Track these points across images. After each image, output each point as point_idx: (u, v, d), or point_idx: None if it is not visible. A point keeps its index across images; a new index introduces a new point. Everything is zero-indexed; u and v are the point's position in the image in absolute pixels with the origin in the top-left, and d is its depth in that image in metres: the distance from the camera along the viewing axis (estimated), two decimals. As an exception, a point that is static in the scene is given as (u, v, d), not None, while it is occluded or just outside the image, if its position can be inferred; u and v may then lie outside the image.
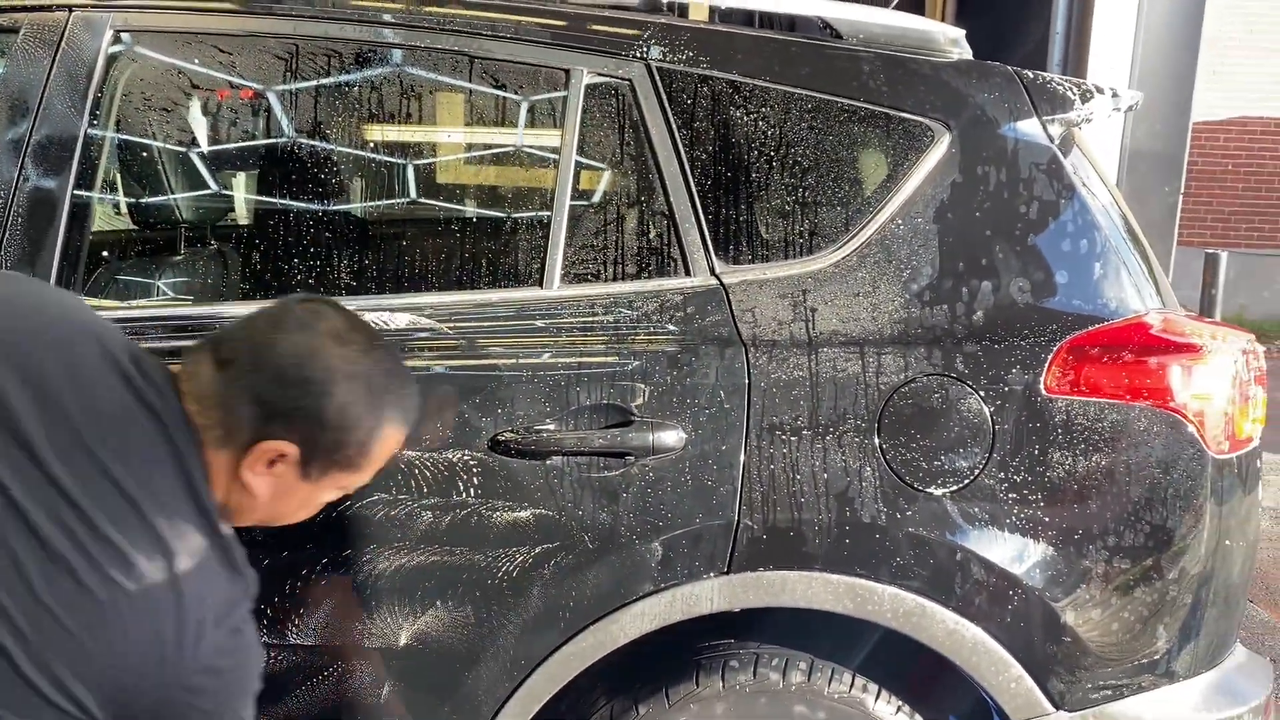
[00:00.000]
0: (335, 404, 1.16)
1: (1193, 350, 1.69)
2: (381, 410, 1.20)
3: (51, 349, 1.11)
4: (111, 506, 1.07)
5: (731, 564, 1.64)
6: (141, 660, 1.08)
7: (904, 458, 1.65)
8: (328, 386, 1.16)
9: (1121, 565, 1.68)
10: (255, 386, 1.15)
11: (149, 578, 1.07)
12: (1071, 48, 4.38)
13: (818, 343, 1.68)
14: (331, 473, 1.22)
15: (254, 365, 1.15)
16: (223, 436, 1.16)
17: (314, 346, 1.16)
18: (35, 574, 1.04)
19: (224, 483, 1.19)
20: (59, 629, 1.04)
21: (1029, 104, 1.76)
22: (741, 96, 1.75)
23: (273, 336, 1.17)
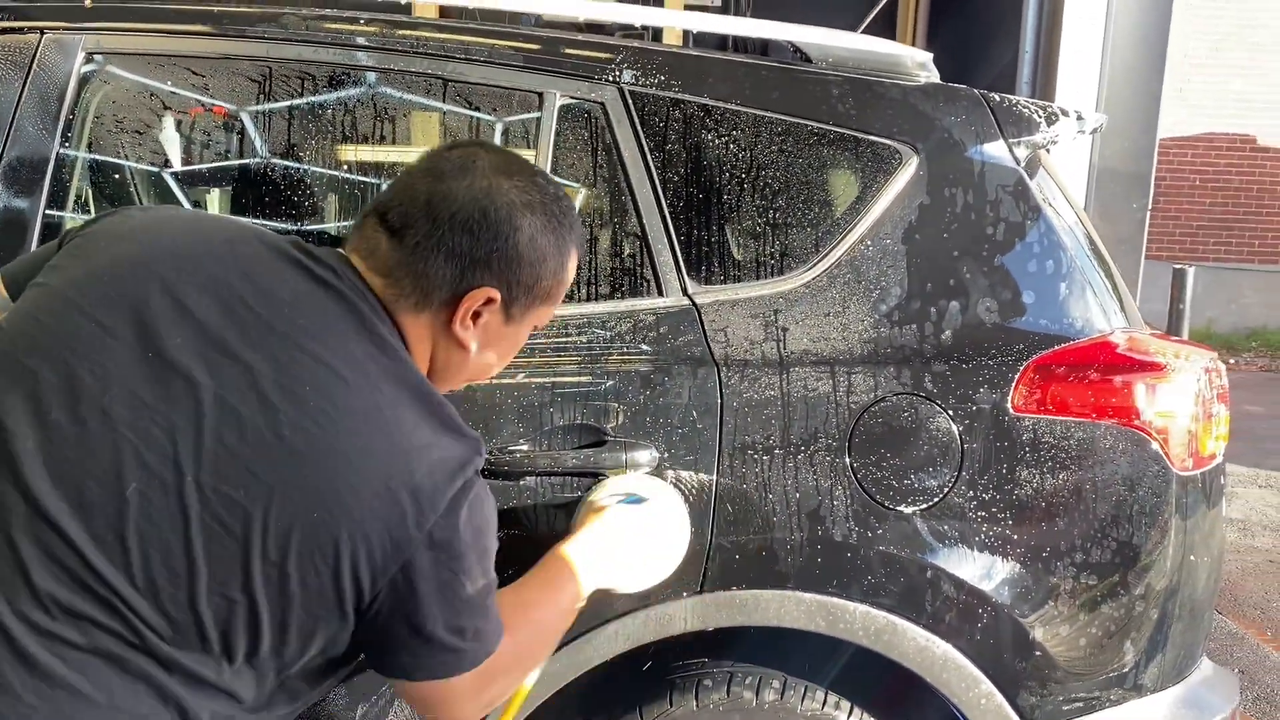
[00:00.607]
0: (525, 237, 1.14)
1: (1157, 369, 1.72)
2: (565, 233, 1.19)
3: (221, 256, 1.08)
4: (311, 375, 1.03)
5: (704, 583, 1.65)
6: (376, 518, 1.01)
7: (874, 476, 1.67)
8: (515, 222, 1.13)
9: (1089, 581, 1.70)
10: (444, 242, 1.11)
11: (364, 431, 1.03)
12: (1040, 68, 4.44)
13: (789, 362, 1.69)
14: (532, 309, 1.20)
15: (435, 222, 1.11)
16: (420, 301, 1.13)
17: (486, 187, 1.13)
18: (246, 444, 0.99)
19: (427, 346, 1.16)
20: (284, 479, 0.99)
21: (995, 127, 1.79)
22: (713, 119, 1.77)
23: (443, 188, 1.13)
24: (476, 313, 1.15)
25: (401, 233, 1.12)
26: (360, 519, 1.01)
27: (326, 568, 1.01)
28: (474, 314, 1.15)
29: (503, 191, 1.13)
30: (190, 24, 1.76)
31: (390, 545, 1.02)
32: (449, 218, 1.11)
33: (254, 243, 1.12)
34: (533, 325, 1.24)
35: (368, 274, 1.13)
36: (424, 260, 1.12)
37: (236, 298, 1.04)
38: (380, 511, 1.02)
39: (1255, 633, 3.73)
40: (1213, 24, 9.95)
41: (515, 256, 1.14)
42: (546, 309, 1.24)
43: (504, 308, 1.17)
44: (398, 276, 1.12)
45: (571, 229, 1.21)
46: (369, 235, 1.14)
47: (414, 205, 1.12)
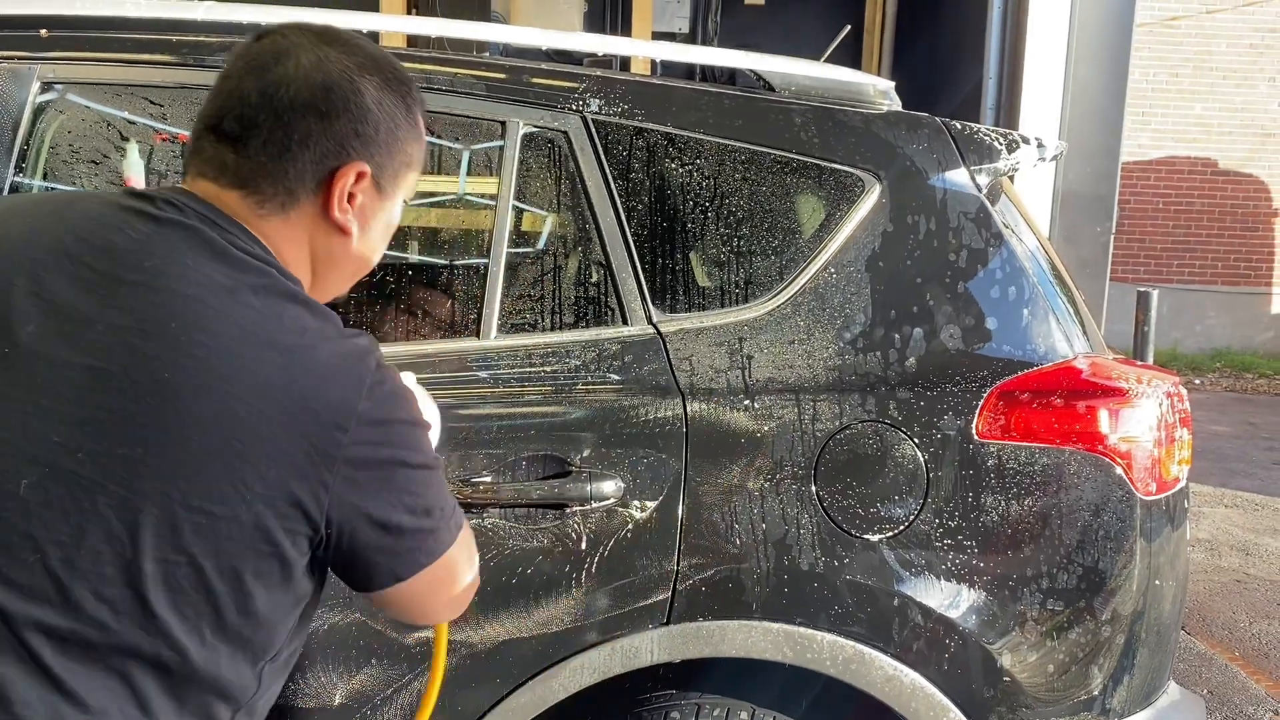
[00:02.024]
0: (372, 100, 1.07)
1: (1120, 394, 1.73)
2: (404, 88, 1.12)
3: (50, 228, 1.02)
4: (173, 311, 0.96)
5: (671, 614, 1.64)
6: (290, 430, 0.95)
7: (841, 505, 1.66)
8: (357, 86, 1.06)
9: (1056, 607, 1.70)
10: (294, 131, 1.04)
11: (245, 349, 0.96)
12: (1004, 93, 4.50)
13: (754, 390, 1.69)
14: (400, 176, 1.14)
15: (277, 114, 1.03)
16: (286, 200, 1.06)
17: (315, 61, 1.05)
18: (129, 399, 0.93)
19: (304, 246, 1.09)
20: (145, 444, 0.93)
21: (957, 154, 1.80)
22: (676, 148, 1.77)
23: (272, 77, 1.04)
24: (351, 194, 1.08)
25: (244, 138, 1.04)
26: (272, 435, 0.95)
27: (256, 496, 0.95)
28: (349, 195, 1.08)
29: (333, 60, 1.06)
30: (149, 53, 1.75)
31: (316, 452, 0.97)
32: (290, 104, 1.03)
33: (82, 203, 1.06)
34: (404, 198, 1.17)
35: (220, 194, 1.05)
36: (277, 157, 1.04)
37: (77, 263, 0.98)
38: (292, 421, 0.96)
39: (1223, 653, 3.75)
40: (1173, 50, 10.14)
41: (370, 122, 1.07)
42: (412, 175, 1.17)
43: (374, 181, 1.10)
44: (255, 184, 1.05)
45: (407, 83, 1.13)
46: (209, 154, 1.06)
47: (248, 106, 1.04)
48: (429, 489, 1.07)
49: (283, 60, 1.05)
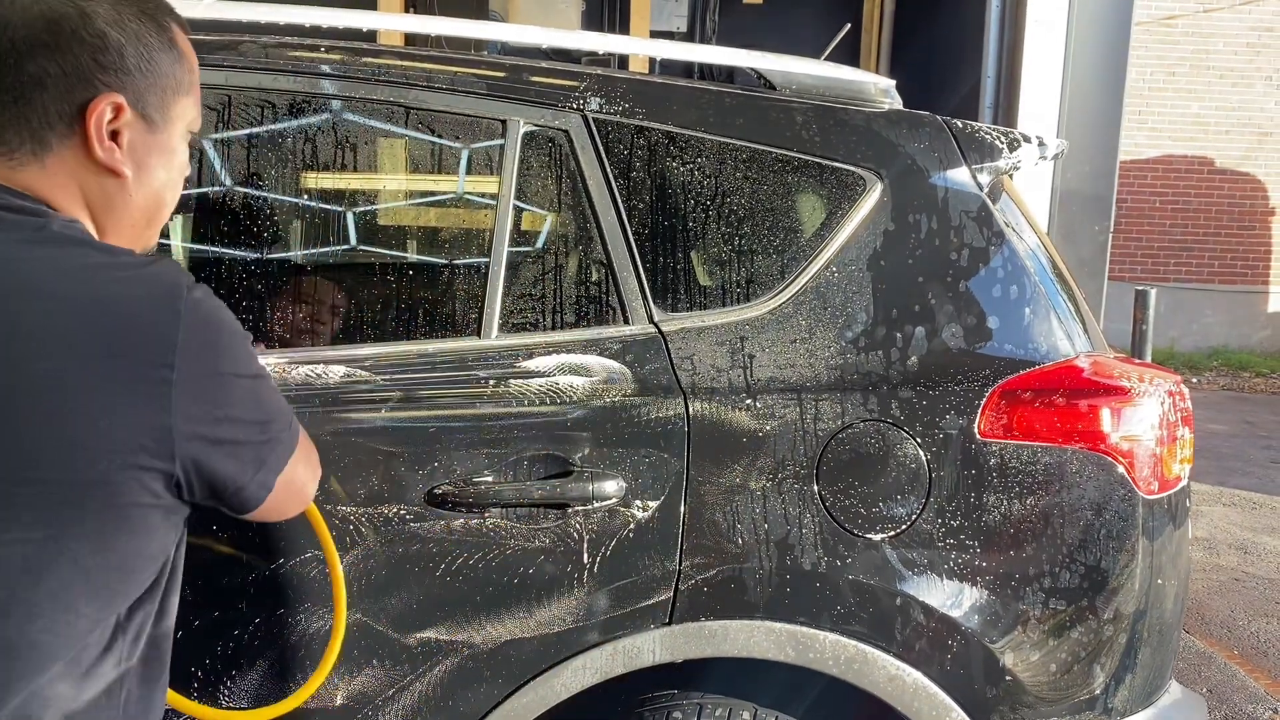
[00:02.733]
0: (107, 22, 0.98)
1: (1122, 393, 1.73)
2: (147, 5, 1.03)
3: None
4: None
5: (673, 614, 1.63)
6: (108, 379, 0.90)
7: (843, 504, 1.66)
8: (84, 10, 0.97)
9: (1058, 606, 1.70)
10: (25, 72, 0.95)
11: (32, 311, 0.90)
12: (1002, 93, 4.50)
13: (756, 389, 1.69)
14: (170, 103, 1.05)
15: (4, 59, 0.96)
16: (36, 148, 0.98)
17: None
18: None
19: (77, 193, 1.01)
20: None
21: (958, 153, 1.80)
22: (677, 147, 1.76)
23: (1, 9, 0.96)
24: (115, 131, 1.00)
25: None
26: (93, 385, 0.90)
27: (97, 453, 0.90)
28: (112, 133, 1.00)
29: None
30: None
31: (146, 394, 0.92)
32: (13, 46, 0.96)
33: None
34: (186, 127, 1.09)
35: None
36: (14, 104, 0.96)
37: None
38: (111, 369, 0.91)
39: (1222, 651, 3.75)
40: (1170, 49, 10.15)
41: (111, 48, 0.99)
42: (188, 100, 1.08)
43: (137, 112, 1.02)
44: (1, 138, 0.97)
45: (152, 2, 1.05)
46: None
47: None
48: (264, 399, 1.04)
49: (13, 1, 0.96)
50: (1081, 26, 4.41)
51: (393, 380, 1.64)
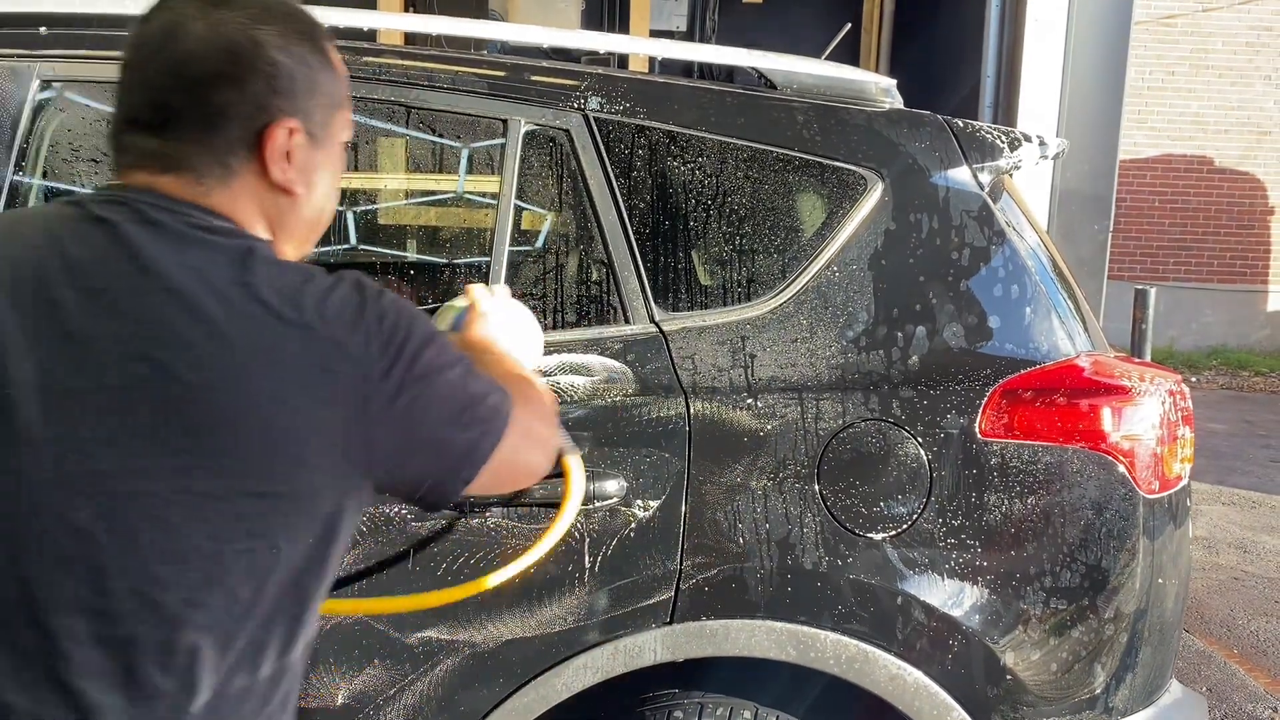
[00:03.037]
0: (277, 49, 1.03)
1: (1122, 392, 1.73)
2: (306, 27, 1.08)
3: (26, 258, 0.97)
4: (163, 312, 0.93)
5: (674, 614, 1.63)
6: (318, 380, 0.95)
7: (844, 503, 1.66)
8: (259, 41, 1.01)
9: (1059, 605, 1.70)
10: (211, 103, 1.00)
11: (244, 324, 0.94)
12: (1002, 93, 4.50)
13: (757, 389, 1.69)
14: (330, 120, 1.10)
15: (190, 92, 1.00)
16: (223, 173, 1.02)
17: (210, 27, 1.00)
18: (164, 409, 0.91)
19: (257, 211, 1.05)
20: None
21: (959, 152, 1.80)
22: (678, 146, 1.76)
23: (172, 56, 1.00)
24: (288, 152, 1.04)
25: (166, 124, 1.00)
26: (303, 405, 0.94)
27: (311, 467, 0.95)
28: (285, 154, 1.04)
29: (226, 23, 1.01)
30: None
31: (353, 409, 0.97)
32: (199, 79, 0.99)
33: (21, 228, 1.02)
34: (342, 140, 1.14)
35: (155, 181, 1.01)
36: (202, 134, 1.01)
37: (48, 288, 0.95)
38: (319, 386, 0.95)
39: (1222, 650, 3.75)
40: (1170, 48, 10.15)
41: (283, 74, 1.03)
42: (342, 114, 1.13)
43: (306, 132, 1.06)
44: (190, 165, 1.01)
45: (309, 23, 1.09)
46: (136, 147, 1.02)
47: (159, 92, 1.00)
48: (462, 392, 1.06)
49: (178, 36, 1.00)
50: (1081, 26, 4.40)
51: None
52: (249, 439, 0.93)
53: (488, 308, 1.42)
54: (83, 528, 0.90)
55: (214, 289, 0.95)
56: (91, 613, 0.90)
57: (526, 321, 1.48)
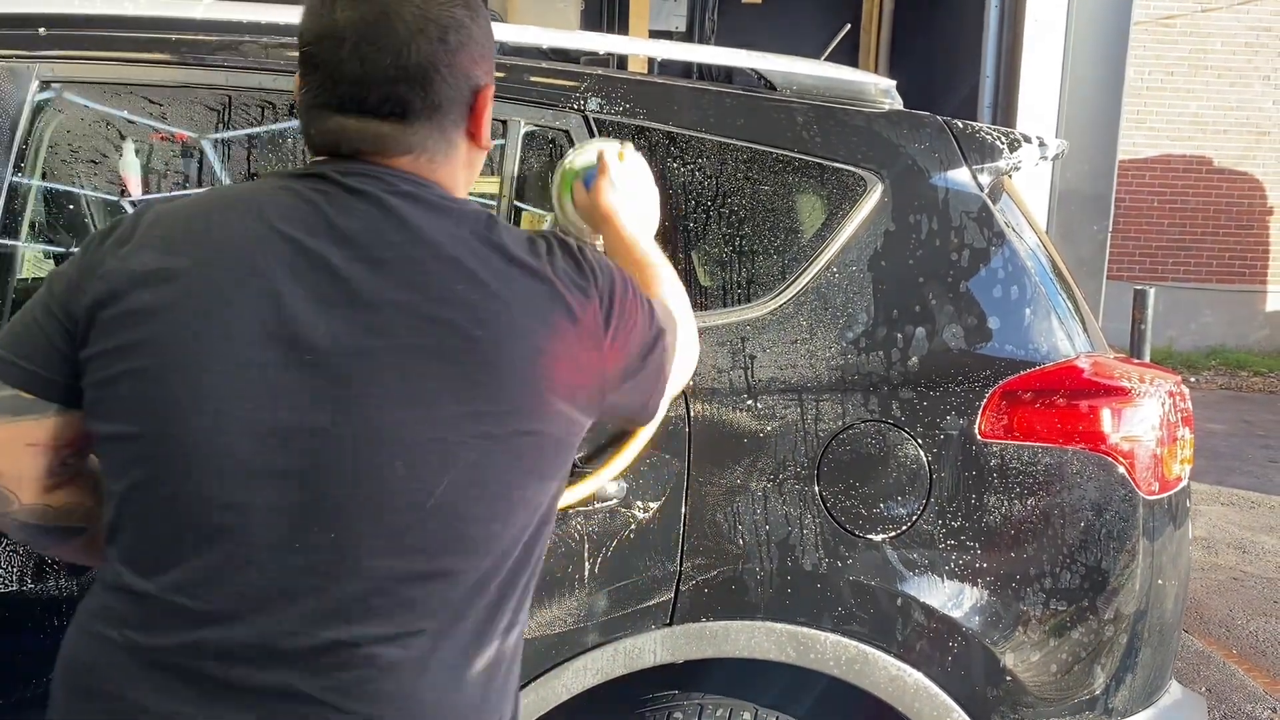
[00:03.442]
0: (472, 22, 1.09)
1: (1122, 393, 1.73)
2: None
3: (267, 237, 1.02)
4: (441, 276, 1.01)
5: (674, 615, 1.63)
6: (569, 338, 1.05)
7: (844, 504, 1.66)
8: (458, 18, 1.07)
9: (1059, 606, 1.70)
10: (438, 89, 1.06)
11: (507, 287, 1.03)
12: (1001, 93, 4.50)
13: (756, 390, 1.69)
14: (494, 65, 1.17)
15: (417, 79, 1.05)
16: (449, 149, 1.10)
17: (418, 12, 1.04)
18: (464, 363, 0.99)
19: (461, 175, 1.14)
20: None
21: (959, 154, 1.80)
22: (678, 147, 1.76)
23: (394, 43, 1.03)
24: (488, 113, 1.14)
25: (400, 111, 1.06)
26: (564, 353, 1.04)
27: (571, 406, 1.06)
28: (487, 116, 1.13)
29: (430, 6, 1.06)
30: (148, 52, 1.73)
31: (594, 354, 1.08)
32: (423, 65, 1.05)
33: (273, 203, 1.05)
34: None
35: (399, 163, 1.07)
36: (434, 116, 1.07)
37: (326, 259, 1.00)
38: (571, 336, 1.05)
39: (1221, 651, 3.76)
40: (1169, 49, 10.16)
41: (480, 42, 1.10)
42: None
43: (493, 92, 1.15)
44: (422, 146, 1.08)
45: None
46: (363, 130, 1.06)
47: (389, 82, 1.04)
48: (649, 323, 1.18)
49: (392, 22, 1.04)
50: (1080, 26, 4.40)
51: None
52: (524, 383, 1.01)
53: (617, 175, 1.47)
54: (391, 475, 0.97)
55: (477, 254, 1.03)
56: (411, 551, 0.98)
57: (648, 185, 1.51)
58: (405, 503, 0.97)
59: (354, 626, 0.96)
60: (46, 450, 1.06)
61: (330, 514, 0.96)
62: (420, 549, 0.98)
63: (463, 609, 1.01)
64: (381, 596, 0.97)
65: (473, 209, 1.08)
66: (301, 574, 0.96)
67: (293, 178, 1.07)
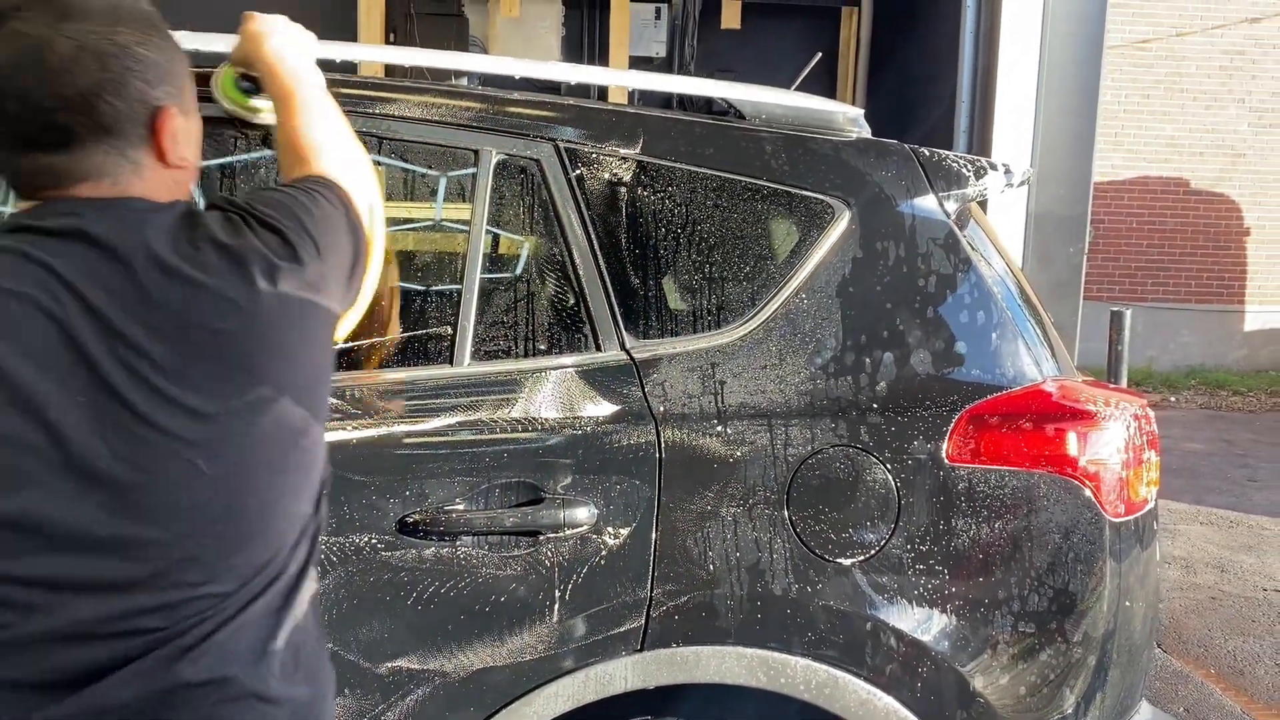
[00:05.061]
0: (141, 46, 1.08)
1: (1088, 417, 1.75)
2: (149, 18, 1.12)
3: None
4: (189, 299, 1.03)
5: (645, 641, 1.64)
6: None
7: (813, 529, 1.67)
8: (121, 44, 1.06)
9: (1027, 629, 1.71)
10: (104, 111, 1.06)
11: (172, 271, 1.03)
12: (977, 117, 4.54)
13: (727, 416, 1.70)
14: (190, 89, 1.17)
15: (81, 108, 1.05)
16: (132, 167, 1.09)
17: (74, 43, 1.04)
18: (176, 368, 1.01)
19: (160, 184, 1.12)
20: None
21: (925, 181, 1.82)
22: (649, 175, 1.78)
23: (49, 74, 1.03)
24: (174, 133, 1.12)
25: (65, 142, 1.06)
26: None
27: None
28: (174, 136, 1.12)
29: (85, 34, 1.05)
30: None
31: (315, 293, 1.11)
32: (83, 94, 1.04)
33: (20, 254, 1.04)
34: (194, 92, 1.20)
35: (79, 191, 1.07)
36: (106, 140, 1.07)
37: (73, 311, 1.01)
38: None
39: (1199, 670, 3.77)
40: (1144, 72, 10.28)
41: (152, 67, 1.09)
42: (191, 77, 1.19)
43: (180, 111, 1.13)
44: (102, 173, 1.08)
45: (147, 10, 1.14)
46: (36, 168, 1.07)
47: (47, 111, 1.04)
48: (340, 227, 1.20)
49: (45, 55, 1.03)
50: (1054, 52, 4.46)
51: (364, 408, 1.64)
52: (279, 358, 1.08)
53: (264, 27, 1.46)
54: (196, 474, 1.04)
55: (181, 252, 1.04)
56: None
57: (285, 21, 1.50)
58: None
59: None
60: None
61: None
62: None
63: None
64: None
65: (171, 210, 1.09)
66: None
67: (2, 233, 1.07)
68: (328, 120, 1.36)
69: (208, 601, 1.04)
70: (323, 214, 1.17)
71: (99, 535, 1.00)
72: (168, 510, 1.01)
